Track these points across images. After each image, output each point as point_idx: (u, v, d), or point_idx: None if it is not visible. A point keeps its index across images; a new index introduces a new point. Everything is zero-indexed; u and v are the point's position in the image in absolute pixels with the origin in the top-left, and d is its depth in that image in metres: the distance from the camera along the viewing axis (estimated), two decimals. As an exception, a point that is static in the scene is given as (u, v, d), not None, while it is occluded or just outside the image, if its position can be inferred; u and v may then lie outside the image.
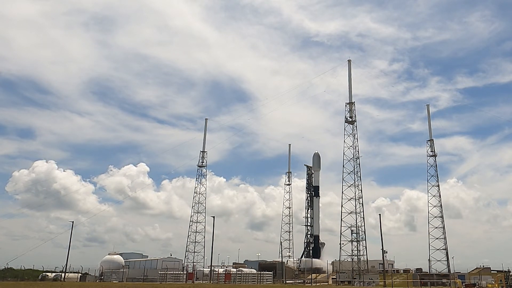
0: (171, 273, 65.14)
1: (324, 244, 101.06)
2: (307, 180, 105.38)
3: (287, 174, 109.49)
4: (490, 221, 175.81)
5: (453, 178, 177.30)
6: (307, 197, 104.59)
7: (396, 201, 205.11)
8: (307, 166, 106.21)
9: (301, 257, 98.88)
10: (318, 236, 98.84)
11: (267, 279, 70.95)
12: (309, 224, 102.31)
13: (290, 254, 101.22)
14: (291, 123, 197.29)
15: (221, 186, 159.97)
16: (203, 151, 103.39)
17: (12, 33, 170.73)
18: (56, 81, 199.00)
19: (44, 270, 73.32)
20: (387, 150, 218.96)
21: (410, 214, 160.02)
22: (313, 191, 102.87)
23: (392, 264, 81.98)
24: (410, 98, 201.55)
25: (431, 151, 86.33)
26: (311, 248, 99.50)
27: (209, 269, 63.11)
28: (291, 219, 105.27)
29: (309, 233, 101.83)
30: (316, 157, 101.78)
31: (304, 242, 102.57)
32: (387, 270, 67.85)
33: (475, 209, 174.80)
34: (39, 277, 69.08)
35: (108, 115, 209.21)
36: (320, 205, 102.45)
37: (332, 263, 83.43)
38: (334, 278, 74.56)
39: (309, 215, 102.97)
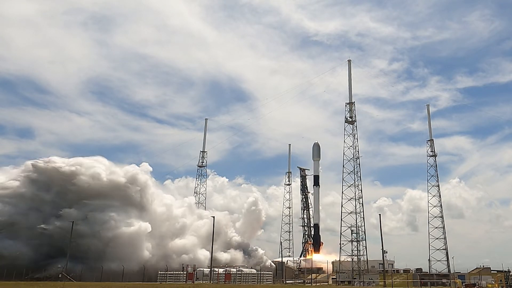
0: (171, 273, 65.09)
1: (323, 243, 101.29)
2: (301, 182, 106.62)
3: (287, 174, 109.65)
4: (492, 221, 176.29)
5: (455, 178, 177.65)
6: (302, 198, 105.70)
7: (398, 201, 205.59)
8: (300, 168, 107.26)
9: (300, 256, 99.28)
10: (318, 224, 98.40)
11: (267, 279, 70.98)
12: (305, 224, 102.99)
13: (290, 254, 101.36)
14: (290, 123, 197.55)
15: (223, 186, 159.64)
16: (203, 151, 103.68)
17: (10, 32, 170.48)
18: (55, 81, 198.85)
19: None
20: (387, 150, 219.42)
21: (412, 214, 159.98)
22: (306, 193, 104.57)
23: (392, 264, 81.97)
24: (410, 98, 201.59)
25: (431, 151, 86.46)
26: (310, 241, 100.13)
27: (209, 269, 63.01)
28: (291, 219, 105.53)
29: (306, 233, 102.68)
30: (316, 147, 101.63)
31: (302, 243, 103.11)
32: (387, 270, 67.83)
33: (477, 209, 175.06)
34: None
35: (107, 114, 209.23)
36: (319, 196, 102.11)
37: (332, 263, 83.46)
38: (334, 278, 74.61)
39: (305, 216, 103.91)
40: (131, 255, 67.00)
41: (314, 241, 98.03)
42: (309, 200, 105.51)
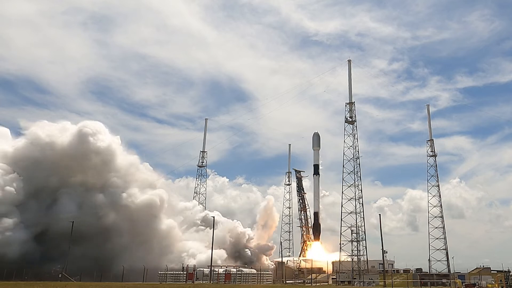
0: (171, 273, 65.05)
1: (322, 243, 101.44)
2: (297, 183, 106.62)
3: (287, 174, 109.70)
4: (492, 221, 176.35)
5: (456, 178, 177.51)
6: (299, 200, 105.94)
7: (398, 201, 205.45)
8: (296, 170, 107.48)
9: (299, 256, 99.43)
10: (318, 212, 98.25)
11: (267, 279, 70.97)
12: (303, 225, 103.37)
13: (290, 254, 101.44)
14: (290, 123, 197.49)
15: (224, 186, 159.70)
16: (203, 151, 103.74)
17: (10, 32, 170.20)
18: (54, 81, 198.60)
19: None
20: (387, 150, 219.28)
21: (412, 214, 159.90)
22: (303, 194, 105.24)
23: (392, 264, 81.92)
24: (410, 98, 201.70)
25: (431, 151, 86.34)
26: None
27: (209, 269, 63.00)
28: (291, 219, 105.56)
29: (303, 233, 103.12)
30: (316, 136, 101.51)
31: (301, 243, 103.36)
32: (387, 270, 67.83)
33: (477, 209, 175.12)
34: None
35: (107, 114, 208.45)
36: (320, 185, 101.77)
37: (333, 263, 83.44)
38: (334, 278, 74.59)
39: (303, 217, 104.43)
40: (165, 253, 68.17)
41: (314, 228, 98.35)
42: (305, 201, 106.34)
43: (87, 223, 61.13)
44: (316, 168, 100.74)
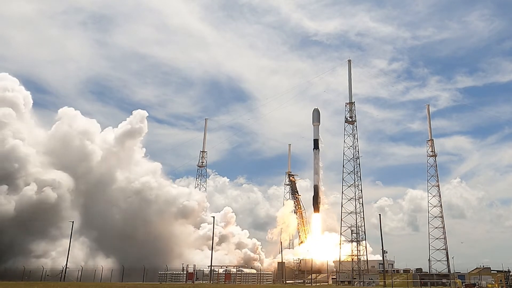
0: (171, 273, 65.02)
1: None
2: (291, 186, 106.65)
3: (287, 174, 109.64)
4: (493, 221, 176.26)
5: (457, 178, 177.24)
6: (294, 202, 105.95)
7: (399, 200, 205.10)
8: (289, 174, 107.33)
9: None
10: (318, 185, 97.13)
11: (267, 279, 70.96)
12: (299, 224, 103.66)
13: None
14: (290, 123, 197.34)
15: (225, 186, 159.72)
16: (203, 151, 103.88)
17: (10, 32, 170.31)
18: (54, 81, 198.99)
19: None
20: (387, 150, 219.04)
21: (413, 214, 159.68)
22: (297, 197, 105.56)
23: (392, 264, 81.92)
24: (410, 98, 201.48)
25: (431, 151, 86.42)
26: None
27: (209, 269, 62.99)
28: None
29: (301, 234, 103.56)
30: (316, 112, 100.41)
31: (299, 243, 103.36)
32: (387, 270, 67.84)
33: (478, 209, 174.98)
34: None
35: (107, 114, 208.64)
36: (320, 158, 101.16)
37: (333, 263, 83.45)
38: (334, 278, 74.60)
39: (298, 218, 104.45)
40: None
41: (314, 201, 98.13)
42: (301, 202, 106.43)
43: (129, 222, 63.02)
44: (315, 142, 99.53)
